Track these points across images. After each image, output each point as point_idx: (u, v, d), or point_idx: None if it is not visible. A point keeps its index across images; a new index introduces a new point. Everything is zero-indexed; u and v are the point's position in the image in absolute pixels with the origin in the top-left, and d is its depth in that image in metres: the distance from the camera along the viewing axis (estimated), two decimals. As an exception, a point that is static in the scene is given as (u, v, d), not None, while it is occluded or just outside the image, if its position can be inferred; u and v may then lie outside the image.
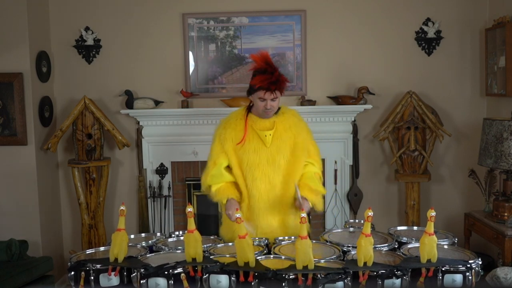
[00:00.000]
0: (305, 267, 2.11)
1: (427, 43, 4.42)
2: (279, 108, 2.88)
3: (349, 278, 2.10)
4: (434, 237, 2.18)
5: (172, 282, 2.16)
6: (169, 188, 4.55)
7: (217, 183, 2.82)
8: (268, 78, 2.71)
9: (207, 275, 2.16)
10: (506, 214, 3.73)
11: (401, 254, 2.35)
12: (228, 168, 2.85)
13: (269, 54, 2.86)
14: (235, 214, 2.16)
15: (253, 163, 2.78)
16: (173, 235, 2.75)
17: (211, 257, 2.29)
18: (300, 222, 2.12)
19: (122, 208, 2.30)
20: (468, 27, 4.44)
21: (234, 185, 2.85)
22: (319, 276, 2.09)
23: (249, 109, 2.90)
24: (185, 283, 2.17)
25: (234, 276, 2.15)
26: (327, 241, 2.54)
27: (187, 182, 4.55)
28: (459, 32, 4.45)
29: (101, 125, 4.33)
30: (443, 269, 2.18)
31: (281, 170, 2.79)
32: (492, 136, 3.70)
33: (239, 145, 2.80)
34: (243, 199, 2.84)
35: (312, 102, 4.38)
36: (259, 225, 2.82)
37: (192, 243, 2.20)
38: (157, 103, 4.43)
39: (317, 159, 2.93)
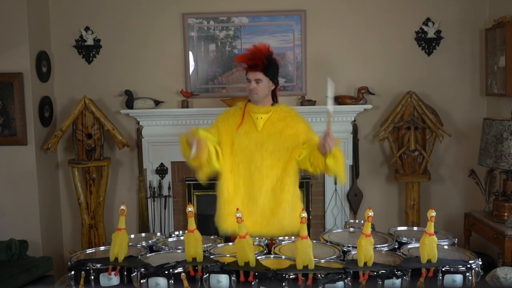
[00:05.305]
0: (305, 267, 2.11)
1: (427, 43, 4.42)
2: (277, 102, 2.97)
3: (349, 278, 2.10)
4: (434, 237, 2.18)
5: (172, 281, 2.17)
6: (169, 188, 4.55)
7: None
8: (247, 56, 2.85)
9: (207, 274, 2.16)
10: (506, 214, 3.74)
11: (401, 254, 2.36)
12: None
13: (269, 47, 2.94)
14: (236, 213, 2.15)
15: (242, 145, 2.86)
16: (173, 235, 2.75)
17: (211, 256, 2.29)
18: (300, 222, 2.11)
19: (122, 207, 2.30)
20: (468, 27, 4.44)
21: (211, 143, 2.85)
22: (319, 276, 2.09)
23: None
24: (185, 283, 2.17)
25: (234, 276, 2.15)
26: (327, 241, 2.54)
27: (187, 182, 4.55)
28: (459, 32, 4.45)
29: (101, 125, 4.33)
30: (443, 269, 2.18)
31: (268, 154, 2.83)
32: (492, 136, 3.70)
33: (235, 129, 2.88)
34: (229, 181, 2.89)
35: (312, 102, 4.38)
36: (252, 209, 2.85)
37: (193, 243, 2.20)
38: (157, 103, 4.43)
39: None
